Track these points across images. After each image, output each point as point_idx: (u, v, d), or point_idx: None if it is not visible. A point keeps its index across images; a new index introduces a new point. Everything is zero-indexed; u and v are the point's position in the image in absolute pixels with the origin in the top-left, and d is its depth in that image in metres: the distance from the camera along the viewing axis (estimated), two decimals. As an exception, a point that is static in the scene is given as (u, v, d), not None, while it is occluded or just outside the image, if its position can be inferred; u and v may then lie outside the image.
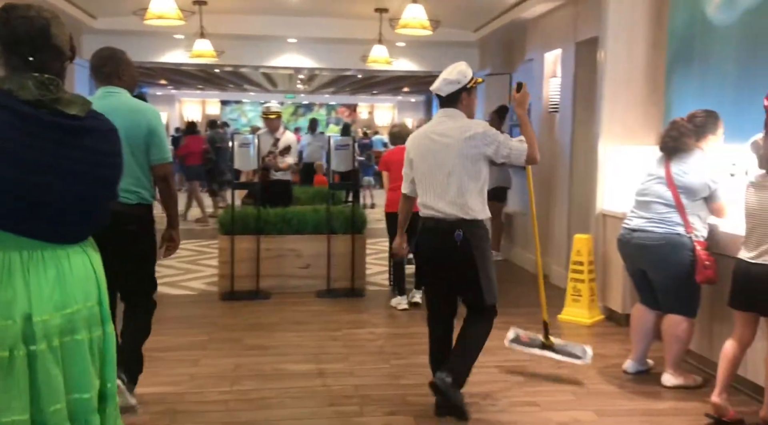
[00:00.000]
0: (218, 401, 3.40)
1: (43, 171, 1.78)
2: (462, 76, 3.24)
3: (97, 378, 1.88)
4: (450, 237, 3.13)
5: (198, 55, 7.65)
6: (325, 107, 24.23)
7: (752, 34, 3.93)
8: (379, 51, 7.91)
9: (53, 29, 1.91)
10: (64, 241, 1.85)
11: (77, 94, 1.94)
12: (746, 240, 3.07)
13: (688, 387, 3.61)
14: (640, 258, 3.67)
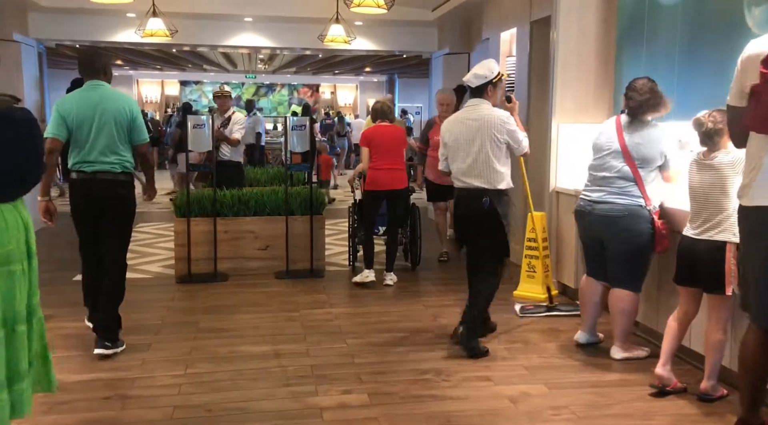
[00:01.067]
0: (170, 385, 3.38)
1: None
2: (489, 71, 3.93)
3: (26, 297, 2.46)
4: (479, 202, 3.83)
5: (150, 35, 7.47)
6: (287, 87, 23.92)
7: (697, 12, 4.00)
8: (337, 30, 7.83)
9: None
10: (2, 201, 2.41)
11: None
12: (691, 216, 3.16)
13: (636, 359, 3.71)
14: (602, 229, 3.68)
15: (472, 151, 3.86)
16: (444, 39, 9.26)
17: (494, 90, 3.96)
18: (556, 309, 4.66)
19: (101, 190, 3.78)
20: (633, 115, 3.64)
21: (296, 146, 5.89)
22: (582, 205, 3.82)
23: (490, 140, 3.83)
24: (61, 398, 3.18)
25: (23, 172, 2.44)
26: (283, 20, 9.15)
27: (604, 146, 3.72)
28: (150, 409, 3.10)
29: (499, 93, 4.02)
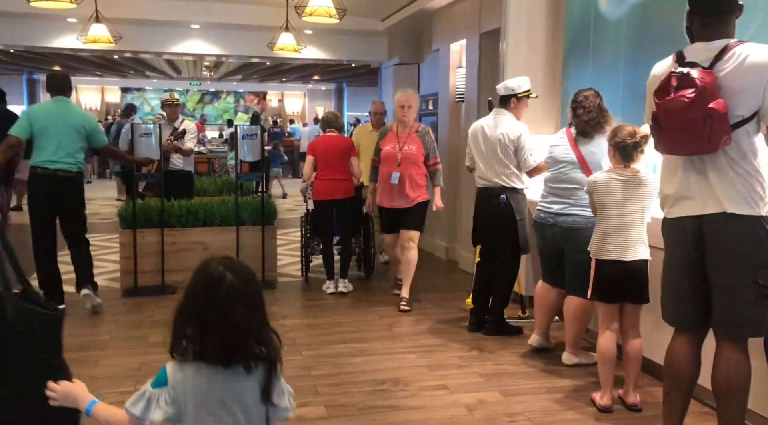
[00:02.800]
0: (119, 402, 3.24)
1: None
2: (517, 85, 4.41)
3: None
4: (497, 199, 4.30)
5: (93, 41, 7.25)
6: (232, 94, 23.63)
7: (640, 26, 4.16)
8: (287, 38, 7.79)
9: None
10: None
11: None
12: (615, 238, 3.21)
13: (586, 365, 3.79)
14: (563, 241, 3.74)
15: (489, 154, 4.35)
16: (394, 49, 9.32)
17: (517, 103, 4.40)
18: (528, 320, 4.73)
19: (61, 183, 4.73)
20: (582, 133, 3.78)
21: (247, 155, 5.82)
22: (543, 216, 3.88)
23: (502, 147, 4.30)
24: None
25: None
26: (231, 27, 9.04)
27: (561, 158, 3.81)
28: (99, 429, 2.98)
29: (522, 109, 4.44)
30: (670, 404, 2.70)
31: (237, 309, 1.49)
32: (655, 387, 3.51)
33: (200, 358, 1.47)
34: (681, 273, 2.61)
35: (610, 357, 3.22)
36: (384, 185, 5.08)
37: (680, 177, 2.56)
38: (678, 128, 2.44)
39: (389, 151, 5.06)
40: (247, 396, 1.52)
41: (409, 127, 5.09)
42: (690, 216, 2.54)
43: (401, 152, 4.99)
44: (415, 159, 5.00)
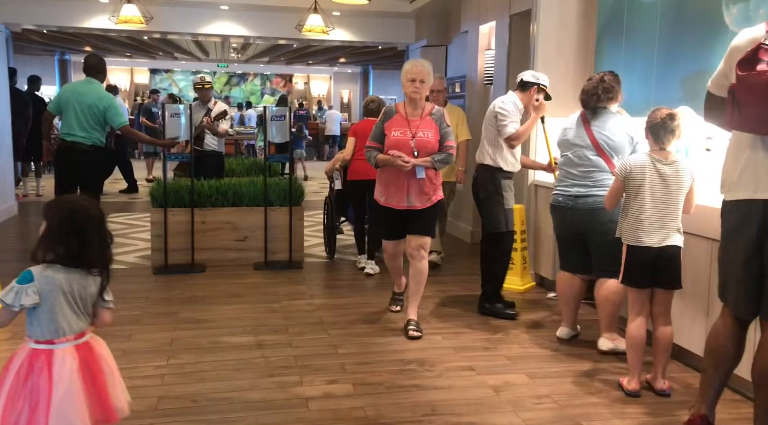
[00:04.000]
0: (153, 375, 3.35)
1: None
2: (531, 76, 4.43)
3: None
4: (475, 175, 4.50)
5: (124, 21, 7.33)
6: (259, 77, 23.70)
7: (676, 8, 4.08)
8: (315, 20, 7.78)
9: None
10: None
11: None
12: (649, 225, 3.16)
13: (622, 351, 3.72)
14: (585, 223, 3.70)
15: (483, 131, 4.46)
16: (421, 31, 9.26)
17: (522, 92, 4.41)
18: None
19: (77, 154, 5.29)
20: (582, 103, 3.78)
21: (275, 136, 5.85)
22: (560, 200, 3.83)
23: (486, 123, 4.40)
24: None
25: None
26: (259, 9, 9.05)
27: (575, 141, 3.78)
28: (134, 399, 3.03)
29: (526, 98, 4.40)
30: (706, 381, 2.69)
31: (91, 232, 2.11)
32: (685, 373, 3.50)
33: (62, 263, 2.09)
34: (742, 257, 2.51)
35: (639, 342, 3.20)
36: (392, 180, 4.09)
37: (747, 157, 2.45)
38: (757, 104, 2.31)
39: (399, 138, 4.04)
40: (89, 291, 2.14)
41: (421, 107, 4.12)
42: (756, 199, 2.43)
43: (415, 140, 4.01)
44: (433, 148, 4.04)
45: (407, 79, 4.06)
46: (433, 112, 4.11)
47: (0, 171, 7.80)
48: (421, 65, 4.09)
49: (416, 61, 4.14)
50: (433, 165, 4.03)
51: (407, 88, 4.06)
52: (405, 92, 4.09)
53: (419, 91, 4.04)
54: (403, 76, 4.09)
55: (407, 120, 4.09)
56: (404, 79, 4.08)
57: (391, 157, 3.99)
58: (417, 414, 3.00)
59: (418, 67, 4.06)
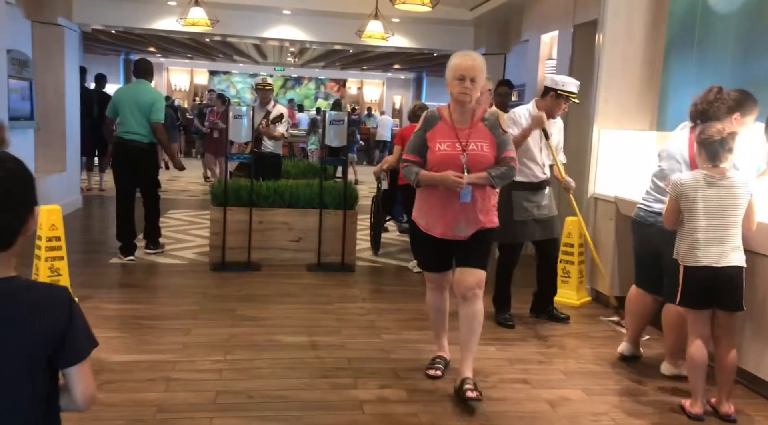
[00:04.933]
0: (212, 370, 3.42)
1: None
2: (551, 82, 4.36)
3: None
4: None
5: (192, 23, 7.53)
6: (314, 81, 24.01)
7: (752, 22, 3.95)
8: (375, 26, 7.84)
9: None
10: None
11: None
12: (707, 244, 3.04)
13: (686, 377, 3.58)
14: (663, 243, 3.43)
15: None
16: (480, 38, 9.23)
17: (541, 99, 4.38)
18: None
19: (134, 151, 5.67)
20: (690, 117, 3.49)
21: (333, 140, 5.92)
22: (642, 215, 3.63)
23: None
24: (107, 377, 3.24)
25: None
26: (319, 14, 9.18)
27: (674, 155, 3.49)
28: (193, 393, 3.14)
29: (544, 104, 4.35)
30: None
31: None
32: (752, 399, 3.37)
33: None
34: None
35: (700, 364, 3.10)
36: (434, 203, 3.27)
37: None
38: None
39: (446, 152, 3.21)
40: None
41: (471, 112, 3.26)
42: None
43: (466, 154, 3.19)
44: (488, 163, 3.23)
45: (454, 77, 3.16)
46: (486, 117, 3.27)
47: (69, 165, 8.12)
48: (472, 59, 3.19)
49: (466, 54, 3.25)
50: (491, 181, 3.22)
51: (454, 87, 3.17)
52: (451, 93, 3.21)
53: (469, 92, 3.16)
54: (450, 72, 3.19)
55: (454, 129, 3.23)
56: (450, 76, 3.19)
57: (439, 175, 3.17)
58: (471, 424, 2.97)
59: (468, 61, 3.15)
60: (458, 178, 3.15)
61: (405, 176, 3.33)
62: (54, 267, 4.43)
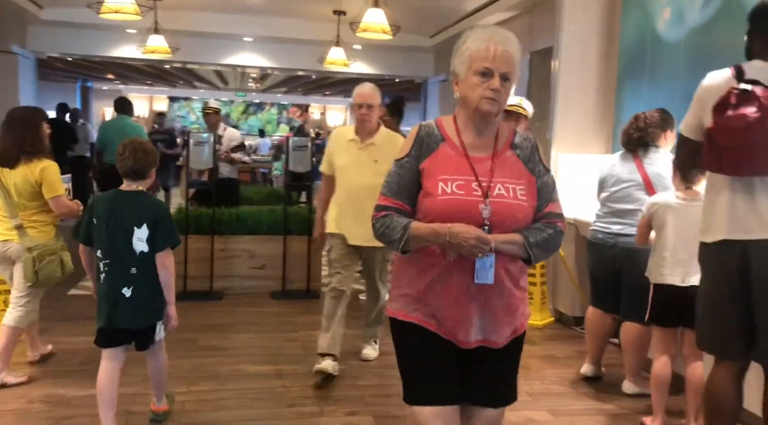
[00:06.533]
0: (175, 402, 3.35)
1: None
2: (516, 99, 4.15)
3: None
4: None
5: (151, 51, 7.50)
6: (276, 106, 24.01)
7: (699, 50, 4.13)
8: (337, 53, 7.92)
9: None
10: None
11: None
12: (674, 265, 3.13)
13: (648, 394, 3.64)
14: (624, 262, 3.58)
15: None
16: (441, 65, 9.40)
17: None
18: None
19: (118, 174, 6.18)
20: (622, 143, 3.70)
21: (297, 165, 5.92)
22: (600, 237, 3.73)
23: None
24: (64, 413, 3.15)
25: None
26: (281, 41, 9.25)
27: (624, 177, 3.64)
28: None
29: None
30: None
31: None
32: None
33: None
34: (723, 301, 2.51)
35: (664, 382, 3.17)
36: (436, 281, 1.96)
37: (726, 198, 2.48)
38: (736, 147, 2.36)
39: (456, 197, 1.93)
40: None
41: (495, 130, 2.04)
42: (734, 240, 2.46)
43: (488, 203, 1.93)
44: (523, 220, 1.97)
45: (475, 70, 1.93)
46: (517, 141, 2.03)
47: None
48: (504, 42, 1.96)
49: (496, 32, 2.01)
50: (527, 252, 1.93)
51: (472, 87, 1.93)
52: (463, 97, 1.97)
53: (498, 98, 1.91)
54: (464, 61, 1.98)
55: (467, 158, 1.97)
56: (465, 68, 1.96)
57: (445, 228, 1.85)
58: (439, 449, 2.97)
59: (499, 47, 1.92)
60: (480, 239, 1.81)
61: (379, 235, 1.96)
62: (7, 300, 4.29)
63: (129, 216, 2.77)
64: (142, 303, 2.79)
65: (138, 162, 2.84)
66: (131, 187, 2.88)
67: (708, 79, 2.59)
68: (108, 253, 2.78)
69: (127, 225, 2.77)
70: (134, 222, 2.76)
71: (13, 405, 3.24)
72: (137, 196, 2.84)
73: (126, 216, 2.77)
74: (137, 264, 2.78)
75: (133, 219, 2.77)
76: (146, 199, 2.88)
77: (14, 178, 3.44)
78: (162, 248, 2.80)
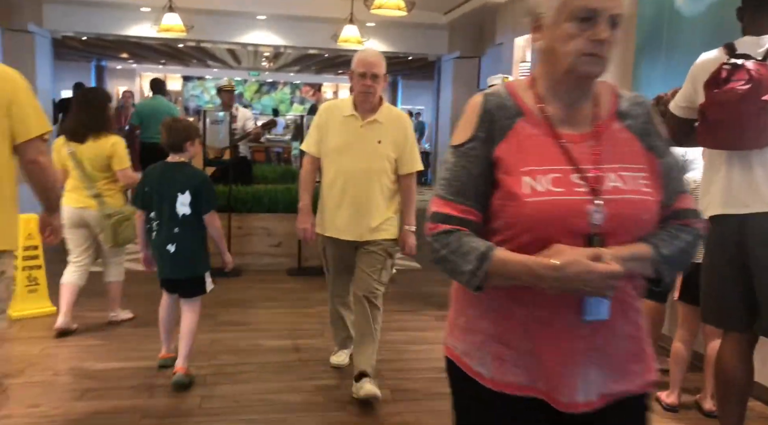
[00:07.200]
0: (195, 375, 3.42)
1: None
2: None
3: None
4: None
5: (166, 29, 7.49)
6: (289, 86, 23.96)
7: (718, 25, 4.08)
8: (351, 31, 7.88)
9: None
10: None
11: None
12: None
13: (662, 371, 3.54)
14: None
15: None
16: (454, 42, 9.33)
17: None
18: None
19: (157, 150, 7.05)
20: None
21: (312, 144, 5.94)
22: None
23: None
24: (90, 385, 3.23)
25: None
26: (295, 19, 9.21)
27: None
28: (178, 398, 3.14)
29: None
30: (723, 410, 2.63)
31: None
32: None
33: None
34: (723, 275, 2.54)
35: (683, 357, 3.20)
36: (520, 325, 1.34)
37: (723, 173, 2.50)
38: (729, 120, 2.38)
39: (553, 197, 1.27)
40: None
41: (592, 95, 1.39)
42: (732, 214, 2.48)
43: (600, 201, 1.28)
44: (649, 221, 1.33)
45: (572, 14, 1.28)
46: (624, 108, 1.42)
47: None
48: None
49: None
50: (656, 268, 1.33)
51: (569, 36, 1.30)
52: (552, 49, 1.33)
53: (601, 52, 1.30)
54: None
55: (556, 138, 1.35)
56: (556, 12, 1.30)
57: (550, 269, 1.22)
58: (455, 421, 3.03)
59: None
60: (608, 275, 1.22)
61: (440, 260, 1.34)
62: (32, 277, 4.40)
63: (173, 184, 3.23)
64: (184, 258, 3.28)
65: (173, 138, 3.28)
66: (175, 159, 3.33)
67: (700, 58, 2.64)
68: (157, 216, 3.28)
69: (172, 192, 3.22)
70: (177, 189, 3.22)
71: (40, 378, 3.33)
72: (180, 167, 3.29)
73: (171, 184, 3.23)
74: (180, 225, 3.24)
75: (177, 186, 3.22)
76: (188, 169, 3.32)
77: (87, 152, 3.91)
78: (207, 211, 3.28)
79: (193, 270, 3.36)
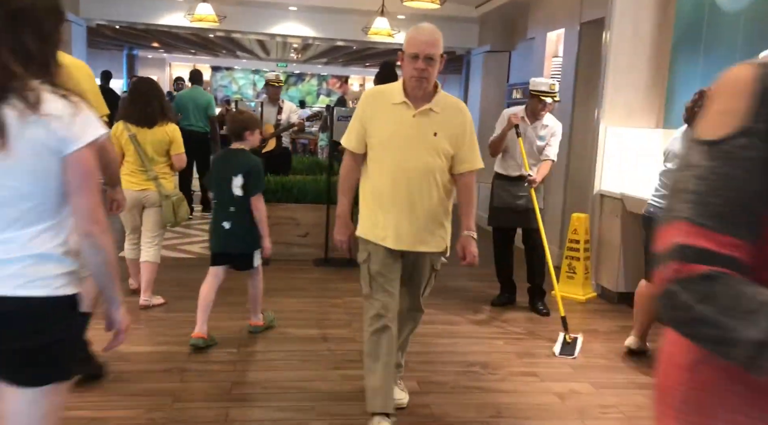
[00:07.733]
0: (226, 361, 3.47)
1: None
2: (530, 83, 4.62)
3: None
4: None
5: (199, 19, 7.57)
6: (316, 77, 24.02)
7: (760, 21, 4.00)
8: (381, 23, 7.87)
9: None
10: None
11: None
12: None
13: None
14: None
15: None
16: (485, 36, 9.26)
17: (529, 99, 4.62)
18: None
19: (194, 137, 7.02)
20: (687, 122, 3.62)
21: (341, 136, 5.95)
22: (652, 211, 3.71)
23: None
24: (124, 367, 3.29)
25: None
26: (326, 10, 9.22)
27: (678, 152, 3.60)
28: (209, 383, 3.19)
29: (529, 105, 4.63)
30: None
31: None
32: None
33: None
34: None
35: None
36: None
37: None
38: None
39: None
40: None
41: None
42: None
43: None
44: None
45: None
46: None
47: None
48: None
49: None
50: None
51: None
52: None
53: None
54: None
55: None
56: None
57: None
58: (483, 415, 3.03)
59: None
60: None
61: (692, 320, 0.85)
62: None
63: (230, 168, 3.62)
64: (237, 234, 3.66)
65: (235, 127, 3.70)
66: (236, 146, 3.73)
67: (763, 53, 2.55)
68: (216, 195, 3.75)
69: (229, 175, 3.61)
70: (233, 173, 3.60)
71: (74, 359, 3.40)
72: (238, 153, 3.69)
73: (228, 168, 3.63)
74: (234, 205, 3.63)
75: (232, 170, 3.61)
76: (243, 156, 3.69)
77: (150, 136, 4.18)
78: (254, 194, 3.62)
79: (243, 246, 3.74)
